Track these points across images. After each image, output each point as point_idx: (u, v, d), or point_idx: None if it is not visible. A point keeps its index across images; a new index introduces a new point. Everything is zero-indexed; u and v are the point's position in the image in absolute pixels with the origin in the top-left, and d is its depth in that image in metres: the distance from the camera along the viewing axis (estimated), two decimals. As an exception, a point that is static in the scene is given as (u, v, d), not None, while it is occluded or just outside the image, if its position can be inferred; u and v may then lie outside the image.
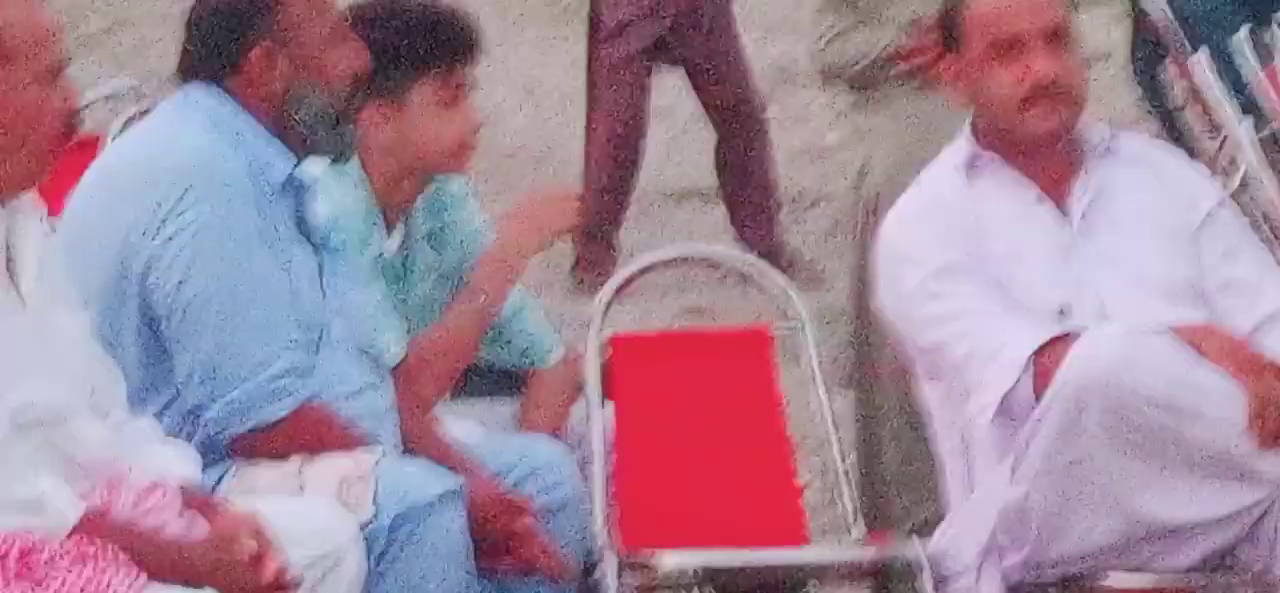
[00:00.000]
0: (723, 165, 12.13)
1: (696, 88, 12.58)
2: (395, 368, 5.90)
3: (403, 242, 6.25)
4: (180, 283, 5.20)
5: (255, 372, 5.20)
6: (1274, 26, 9.24)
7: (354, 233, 5.79)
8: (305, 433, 5.30)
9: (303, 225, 5.47)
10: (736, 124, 12.09)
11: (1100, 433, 5.15)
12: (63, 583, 4.46)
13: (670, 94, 14.65)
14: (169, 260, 5.20)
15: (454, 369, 6.18)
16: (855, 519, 6.21)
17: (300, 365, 5.32)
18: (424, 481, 5.20)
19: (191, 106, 5.43)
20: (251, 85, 5.36)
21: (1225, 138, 7.35)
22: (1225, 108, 7.33)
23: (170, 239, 5.19)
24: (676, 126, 13.97)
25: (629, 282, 6.74)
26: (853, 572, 6.19)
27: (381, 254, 6.07)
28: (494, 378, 6.73)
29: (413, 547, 5.08)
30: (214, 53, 5.41)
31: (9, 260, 4.70)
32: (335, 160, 5.61)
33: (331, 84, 5.44)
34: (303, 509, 4.94)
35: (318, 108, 5.40)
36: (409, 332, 6.06)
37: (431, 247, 6.35)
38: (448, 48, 6.14)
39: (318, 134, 5.50)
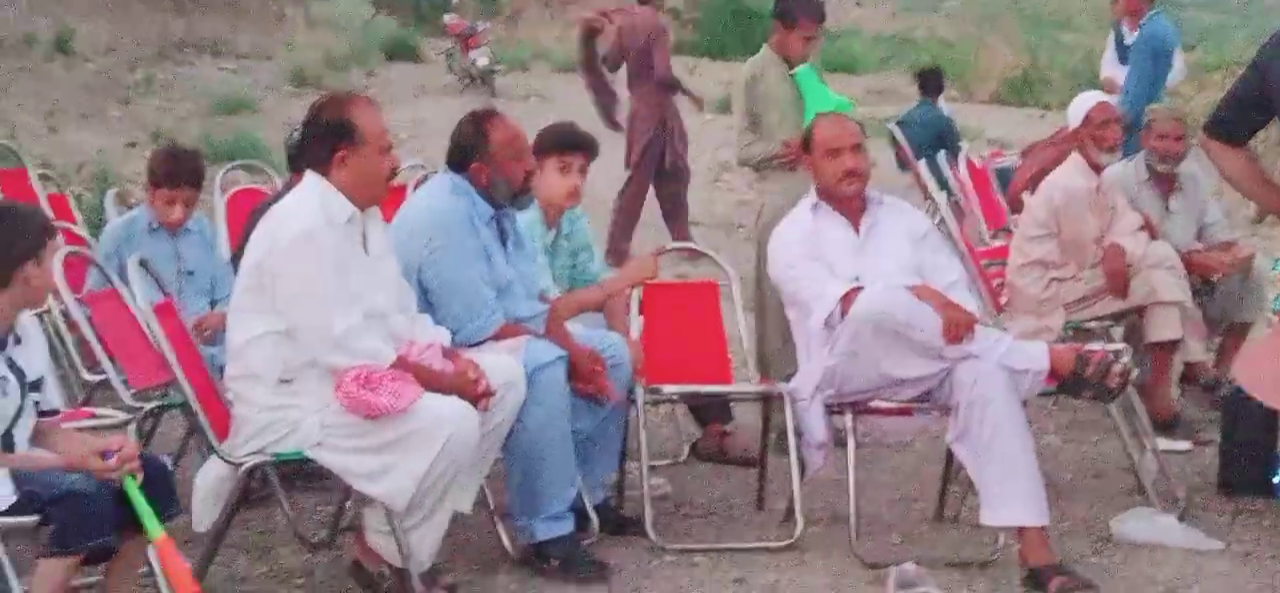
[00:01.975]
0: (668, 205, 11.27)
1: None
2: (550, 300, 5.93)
3: (555, 237, 6.17)
4: (435, 276, 5.38)
5: (472, 319, 5.34)
6: (958, 153, 9.41)
7: (532, 235, 5.87)
8: (505, 337, 5.40)
9: (501, 237, 5.60)
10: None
11: (870, 335, 5.29)
12: (384, 388, 4.72)
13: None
14: (430, 265, 5.38)
15: (582, 310, 5.92)
16: (754, 373, 6.45)
17: (493, 310, 5.42)
18: (547, 351, 5.31)
19: (446, 182, 5.58)
20: (475, 175, 5.47)
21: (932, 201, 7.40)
22: (934, 186, 7.43)
23: (431, 254, 5.37)
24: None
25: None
26: (753, 397, 6.24)
27: (546, 244, 6.10)
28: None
29: (542, 382, 5.19)
30: (456, 161, 5.54)
31: (364, 237, 5.00)
32: (519, 208, 5.71)
33: (514, 178, 5.63)
34: (497, 359, 5.12)
35: (504, 189, 5.56)
36: (556, 281, 6.07)
37: (566, 240, 6.22)
38: (560, 144, 6.21)
39: (506, 199, 5.60)
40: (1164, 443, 6.20)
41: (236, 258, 5.57)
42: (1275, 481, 5.75)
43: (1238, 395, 6.07)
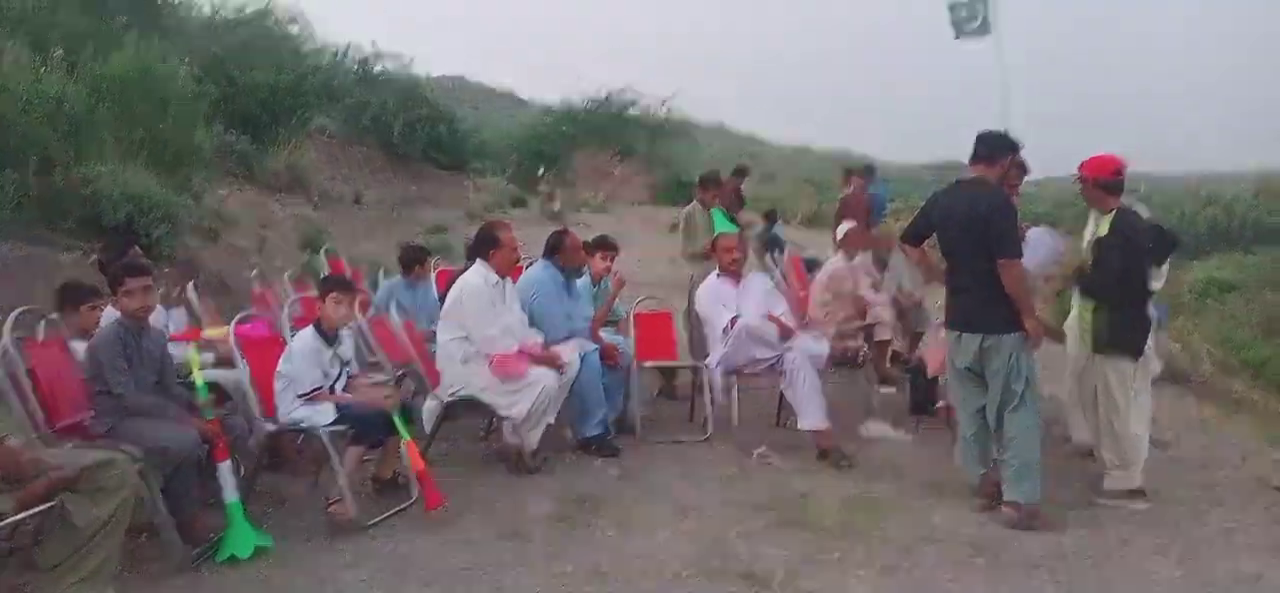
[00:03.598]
0: None
1: None
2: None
3: (596, 290, 5.88)
4: (536, 310, 5.19)
5: (552, 332, 5.13)
6: (784, 251, 9.28)
7: (585, 290, 5.72)
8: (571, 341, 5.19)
9: (568, 290, 5.48)
10: None
11: (745, 337, 5.23)
12: (509, 365, 4.68)
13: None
14: (534, 304, 5.20)
15: (604, 323, 5.72)
16: (689, 355, 6.22)
17: (563, 327, 5.23)
18: (590, 344, 5.25)
19: (541, 264, 5.45)
20: (556, 260, 5.35)
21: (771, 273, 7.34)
22: (773, 267, 7.39)
23: (534, 299, 5.21)
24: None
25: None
26: (689, 367, 6.07)
27: (592, 294, 5.86)
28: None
29: (587, 360, 5.10)
30: (547, 253, 5.40)
31: (503, 291, 4.95)
32: (577, 276, 5.59)
33: (575, 261, 5.54)
34: (565, 348, 4.99)
35: (571, 268, 5.44)
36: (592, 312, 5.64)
37: (601, 291, 5.90)
38: (599, 245, 6.09)
39: (571, 272, 5.45)
40: (883, 390, 6.17)
41: (442, 299, 5.56)
42: (937, 406, 5.75)
43: (917, 366, 6.06)
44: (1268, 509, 4.38)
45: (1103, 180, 4.42)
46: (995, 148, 4.22)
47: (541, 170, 22.24)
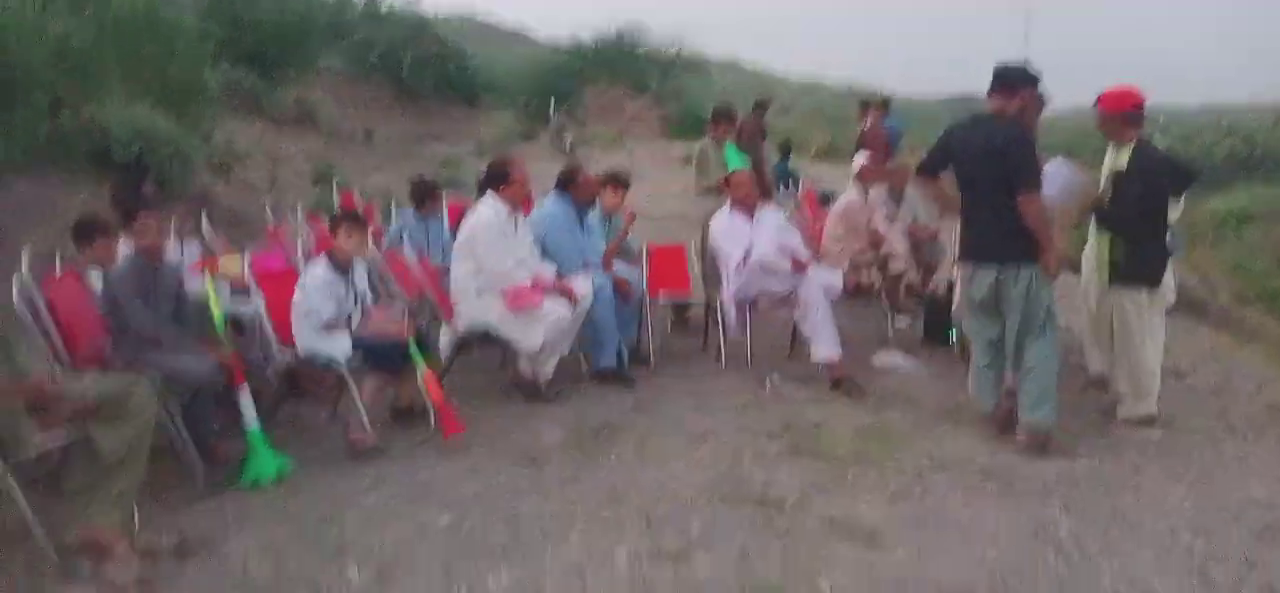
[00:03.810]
0: None
1: None
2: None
3: (608, 224, 5.80)
4: (549, 242, 5.19)
5: (565, 263, 5.11)
6: (799, 184, 9.19)
7: (595, 224, 5.65)
8: (584, 273, 5.15)
9: (581, 221, 5.47)
10: None
11: (758, 271, 5.22)
12: (524, 297, 4.69)
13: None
14: (547, 236, 5.20)
15: (615, 254, 5.65)
16: (703, 288, 6.13)
17: (575, 259, 5.21)
18: (603, 276, 5.23)
19: (554, 197, 5.41)
20: (568, 193, 5.37)
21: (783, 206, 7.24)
22: (787, 200, 7.30)
23: (546, 232, 5.20)
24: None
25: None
26: (702, 301, 6.10)
27: (604, 227, 5.77)
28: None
29: (601, 291, 5.09)
30: (560, 186, 5.40)
31: (515, 225, 4.94)
32: (589, 208, 5.55)
33: (587, 195, 5.50)
34: (578, 280, 5.00)
35: (584, 199, 5.47)
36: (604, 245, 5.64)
37: (613, 224, 5.83)
38: (612, 178, 6.06)
39: (583, 204, 5.45)
40: (899, 320, 6.16)
41: (454, 232, 5.55)
42: (951, 338, 5.75)
43: (931, 298, 6.04)
44: (1281, 437, 4.37)
45: (1122, 113, 4.34)
46: (1013, 80, 4.11)
47: (553, 106, 22.02)
